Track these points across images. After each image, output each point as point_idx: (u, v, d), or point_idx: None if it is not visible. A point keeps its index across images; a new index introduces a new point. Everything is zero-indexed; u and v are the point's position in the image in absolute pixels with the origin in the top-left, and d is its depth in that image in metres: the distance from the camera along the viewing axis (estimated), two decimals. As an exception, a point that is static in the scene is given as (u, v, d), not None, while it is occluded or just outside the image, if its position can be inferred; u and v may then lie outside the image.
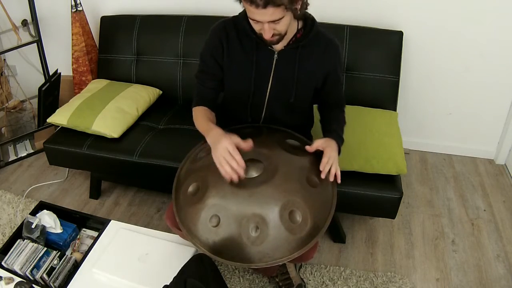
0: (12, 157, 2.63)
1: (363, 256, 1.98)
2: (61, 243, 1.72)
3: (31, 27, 2.52)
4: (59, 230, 1.75)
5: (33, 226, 1.69)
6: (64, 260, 1.61)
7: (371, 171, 1.79)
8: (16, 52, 2.70)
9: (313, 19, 1.44)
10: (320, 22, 1.46)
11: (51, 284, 1.56)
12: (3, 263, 1.62)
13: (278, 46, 1.44)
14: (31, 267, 1.58)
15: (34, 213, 1.79)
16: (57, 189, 2.41)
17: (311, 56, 1.46)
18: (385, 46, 2.12)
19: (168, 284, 1.35)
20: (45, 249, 1.64)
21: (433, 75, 2.37)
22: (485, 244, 2.03)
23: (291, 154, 1.41)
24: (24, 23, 2.57)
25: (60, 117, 2.11)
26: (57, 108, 2.23)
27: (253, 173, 1.33)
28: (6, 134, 2.71)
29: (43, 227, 1.72)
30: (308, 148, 1.39)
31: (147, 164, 1.96)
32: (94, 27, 2.55)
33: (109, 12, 2.53)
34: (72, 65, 2.52)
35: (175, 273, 1.37)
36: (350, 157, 1.76)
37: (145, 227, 1.79)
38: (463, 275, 1.88)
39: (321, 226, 1.30)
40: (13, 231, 1.82)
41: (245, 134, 1.53)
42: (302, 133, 1.58)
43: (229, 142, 1.27)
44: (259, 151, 1.39)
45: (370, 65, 2.12)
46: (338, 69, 1.53)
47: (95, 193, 2.32)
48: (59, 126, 2.18)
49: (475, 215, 2.19)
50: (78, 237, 1.79)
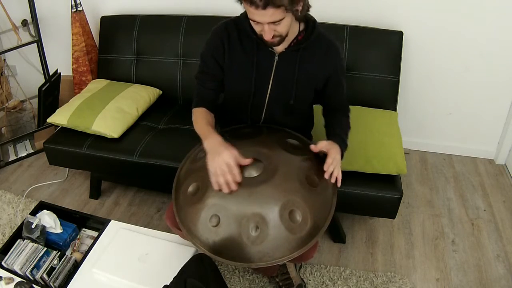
0: (12, 157, 2.63)
1: (363, 256, 1.98)
2: (61, 243, 1.72)
3: (31, 27, 2.52)
4: (59, 230, 1.75)
5: (33, 226, 1.69)
6: (64, 260, 1.61)
7: (371, 171, 1.79)
8: (16, 52, 2.70)
9: (314, 21, 1.43)
10: (320, 22, 1.46)
11: (51, 284, 1.56)
12: (3, 263, 1.62)
13: (279, 48, 1.43)
14: (31, 267, 1.58)
15: (34, 213, 1.79)
16: (57, 189, 2.41)
17: (312, 58, 1.45)
18: (385, 46, 2.12)
19: (168, 284, 1.35)
20: (45, 249, 1.64)
21: (433, 75, 2.37)
22: (485, 244, 2.03)
23: (291, 154, 1.40)
24: (24, 23, 2.57)
25: (60, 117, 2.11)
26: (57, 108, 2.23)
27: (253, 173, 1.33)
28: (6, 134, 2.71)
29: (43, 227, 1.72)
30: (313, 147, 1.38)
31: (147, 164, 1.96)
32: (94, 27, 2.56)
33: (109, 12, 2.53)
34: (72, 65, 2.52)
35: (175, 273, 1.37)
36: (350, 157, 1.75)
37: (145, 227, 1.79)
38: (463, 275, 1.88)
39: (321, 226, 1.30)
40: (13, 231, 1.82)
41: (244, 133, 1.54)
42: (302, 134, 1.57)
43: (230, 156, 1.27)
44: (259, 150, 1.39)
45: (370, 65, 2.12)
46: (339, 72, 1.51)
47: (95, 193, 2.32)
48: (59, 126, 2.19)
49: (475, 215, 2.19)
50: (78, 237, 1.79)
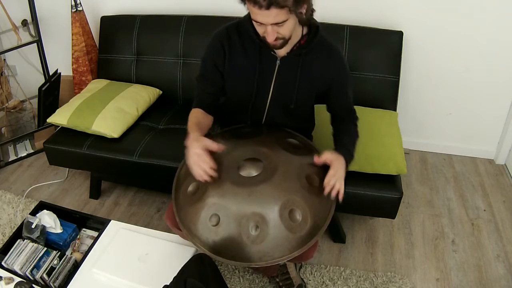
0: (12, 157, 2.63)
1: (363, 256, 1.98)
2: (61, 243, 1.72)
3: (31, 27, 2.52)
4: (59, 230, 1.75)
5: (33, 226, 1.69)
6: (64, 260, 1.61)
7: (371, 171, 1.79)
8: (16, 52, 2.70)
9: (317, 25, 1.41)
10: (320, 22, 1.45)
11: (51, 284, 1.56)
12: (3, 263, 1.62)
13: (281, 52, 1.41)
14: (31, 267, 1.58)
15: (34, 213, 1.79)
16: (57, 189, 2.40)
17: (314, 63, 1.44)
18: (385, 46, 2.12)
19: (168, 284, 1.35)
20: (45, 249, 1.64)
21: (433, 75, 2.37)
22: (485, 244, 2.03)
23: (291, 153, 1.41)
24: (24, 23, 2.57)
25: (60, 117, 2.11)
26: (57, 108, 2.23)
27: (253, 172, 1.33)
28: (6, 134, 2.71)
29: (43, 227, 1.72)
30: (316, 160, 1.36)
31: (147, 164, 1.96)
32: (94, 27, 2.56)
33: (109, 12, 2.53)
34: (72, 65, 2.52)
35: (175, 273, 1.36)
36: (350, 157, 1.76)
37: (145, 227, 1.79)
38: (463, 275, 1.88)
39: (321, 225, 1.30)
40: (13, 231, 1.82)
41: (244, 133, 1.54)
42: (303, 135, 1.57)
43: (197, 147, 1.31)
44: (258, 150, 1.39)
45: (370, 65, 2.12)
46: (342, 77, 1.49)
47: (95, 193, 2.32)
48: (59, 126, 2.19)
49: (475, 215, 2.19)
50: (78, 237, 1.78)
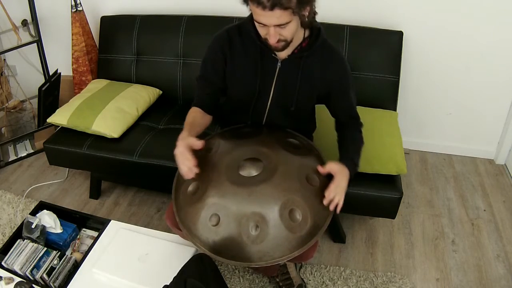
0: (12, 157, 2.63)
1: (363, 256, 1.98)
2: (61, 243, 1.72)
3: (31, 27, 2.52)
4: (59, 230, 1.75)
5: (33, 226, 1.69)
6: (64, 260, 1.61)
7: (371, 171, 1.79)
8: (16, 52, 2.69)
9: (319, 28, 1.40)
10: (320, 22, 1.44)
11: (51, 284, 1.56)
12: (3, 263, 1.62)
13: (282, 55, 1.41)
14: (31, 267, 1.58)
15: (34, 213, 1.79)
16: (57, 189, 2.40)
17: (315, 65, 1.43)
18: (385, 46, 2.12)
19: (168, 284, 1.35)
20: (45, 249, 1.64)
21: (433, 75, 2.37)
22: (485, 244, 2.03)
23: (291, 153, 1.41)
24: (24, 23, 2.57)
25: (60, 117, 2.11)
26: (57, 108, 2.23)
27: (253, 172, 1.33)
28: (6, 134, 2.71)
29: (43, 227, 1.72)
30: (321, 169, 1.36)
31: (147, 164, 1.96)
32: (94, 27, 2.56)
33: (109, 12, 2.53)
34: (72, 65, 2.52)
35: (175, 273, 1.36)
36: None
37: (145, 227, 1.79)
38: (463, 275, 1.88)
39: (321, 225, 1.30)
40: (13, 231, 1.82)
41: (244, 133, 1.54)
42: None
43: (181, 145, 1.36)
44: (258, 150, 1.39)
45: (370, 65, 2.11)
46: (343, 80, 1.47)
47: (95, 193, 2.32)
48: (59, 126, 2.19)
49: (475, 215, 2.19)
50: (78, 237, 1.78)
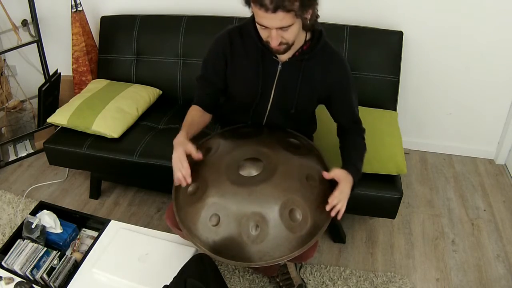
0: (12, 157, 2.63)
1: (363, 256, 1.98)
2: (61, 243, 1.72)
3: (31, 27, 2.52)
4: (59, 230, 1.75)
5: (33, 226, 1.69)
6: (64, 260, 1.61)
7: (371, 171, 1.78)
8: (16, 52, 2.69)
9: (321, 31, 1.40)
10: (320, 22, 1.43)
11: (51, 284, 1.56)
12: (3, 263, 1.62)
13: (283, 57, 1.40)
14: (31, 267, 1.58)
15: (34, 213, 1.79)
16: (57, 189, 2.40)
17: (316, 68, 1.42)
18: (385, 46, 2.12)
19: (168, 284, 1.35)
20: (45, 249, 1.64)
21: (433, 75, 2.37)
22: (485, 244, 2.03)
23: (291, 153, 1.40)
24: (24, 23, 2.57)
25: (60, 117, 2.11)
26: (57, 108, 2.23)
27: (253, 172, 1.33)
28: (6, 134, 2.71)
29: (43, 227, 1.72)
30: (325, 175, 1.35)
31: (147, 164, 1.96)
32: (94, 27, 2.55)
33: (109, 12, 2.53)
34: (72, 65, 2.52)
35: (175, 273, 1.37)
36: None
37: (145, 227, 1.79)
38: (463, 275, 1.88)
39: (321, 225, 1.30)
40: (13, 231, 1.81)
41: (245, 133, 1.54)
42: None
43: (180, 152, 1.35)
44: (259, 149, 1.39)
45: (370, 65, 2.12)
46: (344, 83, 1.46)
47: (95, 193, 2.32)
48: (59, 126, 2.18)
49: (475, 215, 2.19)
50: (78, 237, 1.78)
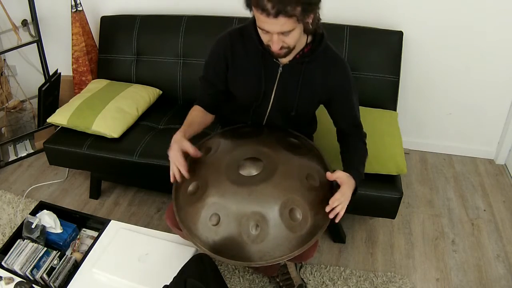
0: (12, 157, 2.63)
1: (363, 256, 1.98)
2: (61, 243, 1.72)
3: (31, 27, 2.52)
4: (59, 230, 1.75)
5: (33, 226, 1.69)
6: (64, 260, 1.61)
7: (371, 171, 1.78)
8: (16, 52, 2.69)
9: (322, 34, 1.39)
10: (320, 23, 1.44)
11: (51, 284, 1.56)
12: (3, 263, 1.62)
13: (284, 60, 1.40)
14: (31, 267, 1.58)
15: (34, 213, 1.79)
16: (57, 189, 2.40)
17: (316, 71, 1.41)
18: (385, 46, 2.12)
19: (168, 284, 1.35)
20: (45, 249, 1.64)
21: (433, 75, 2.37)
22: (485, 244, 2.03)
23: (291, 153, 1.40)
24: (24, 23, 2.57)
25: (60, 117, 2.11)
26: (57, 108, 2.23)
27: (253, 171, 1.33)
28: (6, 134, 2.71)
29: (43, 227, 1.72)
30: (329, 175, 1.34)
31: (147, 164, 1.96)
32: (94, 27, 2.56)
33: (109, 12, 2.53)
34: (72, 65, 2.52)
35: (175, 273, 1.37)
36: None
37: (145, 227, 1.79)
38: (463, 275, 1.88)
39: (321, 225, 1.30)
40: (13, 231, 1.81)
41: (245, 133, 1.54)
42: None
43: (176, 149, 1.36)
44: (259, 149, 1.39)
45: (370, 65, 2.12)
46: (345, 86, 1.44)
47: (95, 193, 2.32)
48: (59, 126, 2.18)
49: (475, 215, 2.19)
50: (78, 237, 1.78)
